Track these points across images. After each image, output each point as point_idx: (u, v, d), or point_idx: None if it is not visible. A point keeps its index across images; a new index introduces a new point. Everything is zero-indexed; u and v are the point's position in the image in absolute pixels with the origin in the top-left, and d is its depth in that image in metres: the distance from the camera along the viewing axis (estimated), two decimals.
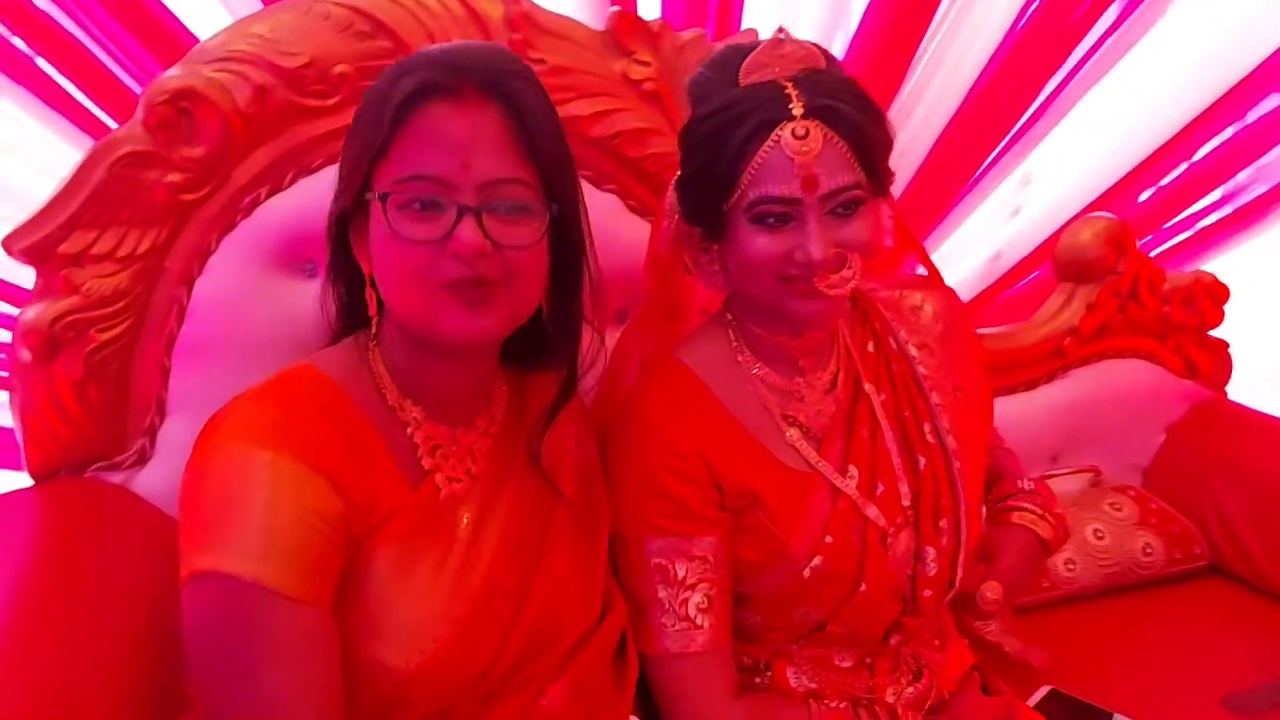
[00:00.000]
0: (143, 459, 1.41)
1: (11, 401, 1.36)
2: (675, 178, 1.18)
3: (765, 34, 1.09)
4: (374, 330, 1.04)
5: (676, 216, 1.20)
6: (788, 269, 1.08)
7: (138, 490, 1.40)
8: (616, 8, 1.50)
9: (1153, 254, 2.32)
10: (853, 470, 1.20)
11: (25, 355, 1.30)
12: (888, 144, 1.11)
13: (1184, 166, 2.26)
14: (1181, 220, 2.33)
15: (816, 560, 1.17)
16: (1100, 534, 1.81)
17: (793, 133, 1.03)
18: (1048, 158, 2.16)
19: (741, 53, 1.07)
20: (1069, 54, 2.08)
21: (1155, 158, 2.22)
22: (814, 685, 1.23)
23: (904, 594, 1.22)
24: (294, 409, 0.95)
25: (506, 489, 1.10)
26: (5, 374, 1.48)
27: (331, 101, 1.36)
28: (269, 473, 0.89)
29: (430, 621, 0.98)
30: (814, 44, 1.09)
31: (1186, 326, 1.94)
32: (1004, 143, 2.13)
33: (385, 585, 0.96)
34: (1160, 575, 1.82)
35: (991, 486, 1.40)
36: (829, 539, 1.17)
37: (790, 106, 1.04)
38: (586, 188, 1.50)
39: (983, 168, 2.14)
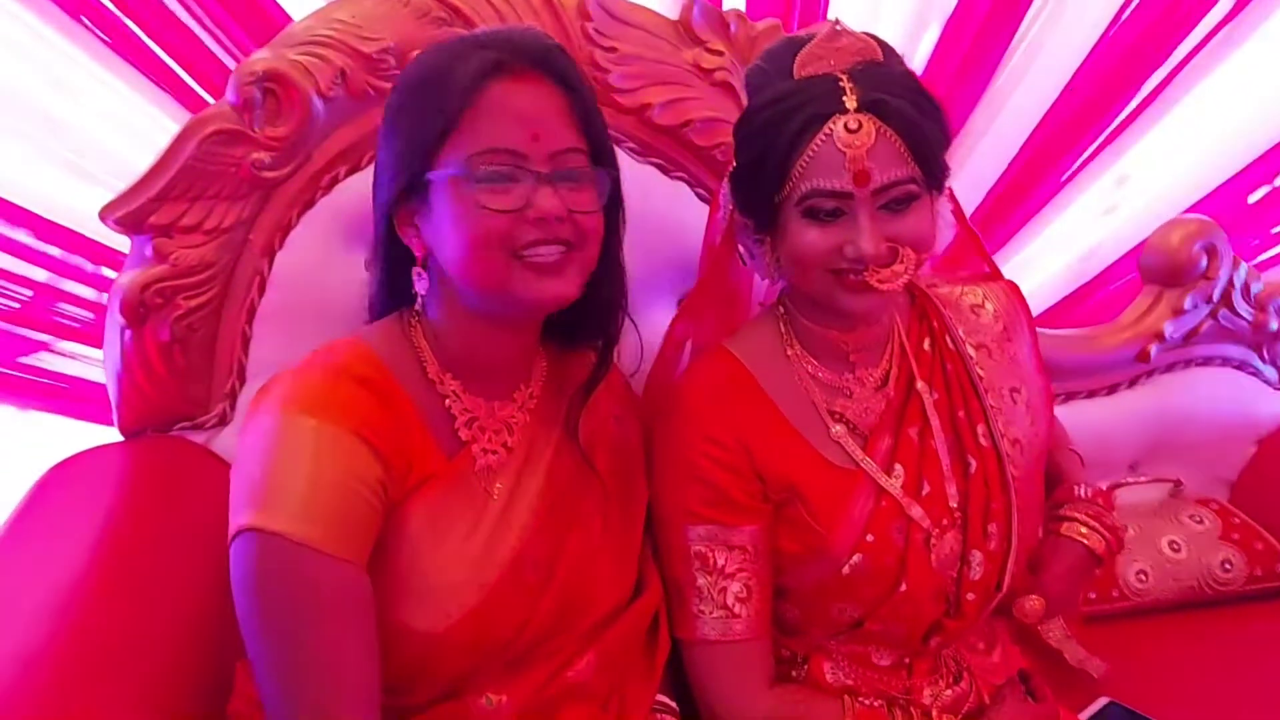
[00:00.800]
0: (223, 421, 1.49)
1: (106, 361, 1.45)
2: (730, 169, 1.19)
3: (854, 26, 1.08)
4: (421, 307, 1.09)
5: (731, 208, 1.20)
6: (838, 262, 1.08)
7: (217, 450, 1.48)
8: None
9: (1260, 259, 2.23)
10: (898, 469, 1.19)
11: (117, 318, 1.38)
12: (944, 139, 1.10)
13: None
14: None
15: (856, 558, 1.17)
16: (1176, 546, 1.75)
17: (845, 126, 1.03)
18: (1146, 156, 2.07)
19: (797, 45, 1.08)
20: (1174, 48, 1.99)
21: (1266, 158, 2.11)
22: (850, 682, 1.24)
23: (947, 595, 1.22)
24: (338, 379, 1.00)
25: (541, 462, 1.14)
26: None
27: None
28: (314, 438, 0.94)
29: (459, 587, 1.02)
30: (871, 36, 1.09)
31: None
32: (1101, 139, 2.05)
33: (417, 550, 1.01)
34: (1239, 593, 1.76)
35: (1050, 490, 1.36)
36: (870, 537, 1.17)
37: (844, 100, 1.04)
38: (655, 174, 1.55)
39: (1077, 164, 2.07)
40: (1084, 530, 1.29)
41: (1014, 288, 1.34)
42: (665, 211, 1.55)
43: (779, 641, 1.25)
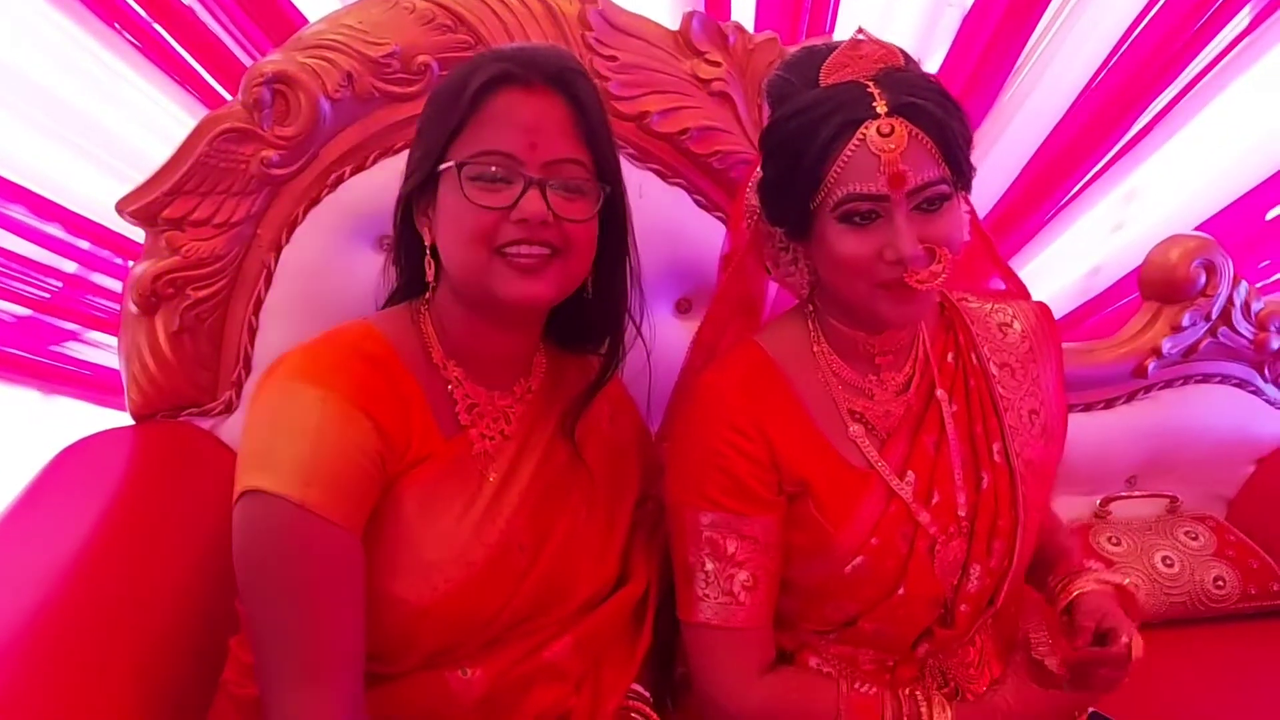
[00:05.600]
0: (229, 408, 1.55)
1: (120, 348, 1.52)
2: (755, 180, 1.20)
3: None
4: (429, 295, 1.14)
5: (756, 218, 1.22)
6: (880, 272, 1.09)
7: (223, 436, 1.54)
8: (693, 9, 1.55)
9: (1273, 279, 2.22)
10: (910, 475, 1.20)
11: (131, 307, 1.45)
12: (969, 139, 1.11)
13: None
14: None
15: (859, 559, 1.17)
16: (1170, 561, 1.76)
17: (878, 130, 1.04)
18: (1156, 173, 2.08)
19: (818, 54, 1.09)
20: (1186, 65, 2.00)
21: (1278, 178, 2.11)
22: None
23: (943, 603, 1.22)
24: (346, 356, 1.06)
25: (535, 452, 1.18)
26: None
27: (413, 89, 1.46)
28: (319, 408, 0.99)
29: (447, 563, 1.07)
30: (892, 44, 1.10)
31: None
32: (1110, 155, 2.06)
33: (410, 524, 1.06)
34: (1232, 611, 1.76)
35: (1054, 565, 1.35)
36: (875, 540, 1.18)
37: (874, 105, 1.05)
38: (655, 181, 1.59)
39: (1085, 180, 2.08)
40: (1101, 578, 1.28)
41: (1045, 309, 1.35)
42: (665, 217, 1.58)
43: None
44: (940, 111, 1.06)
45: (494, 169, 1.04)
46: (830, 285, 1.17)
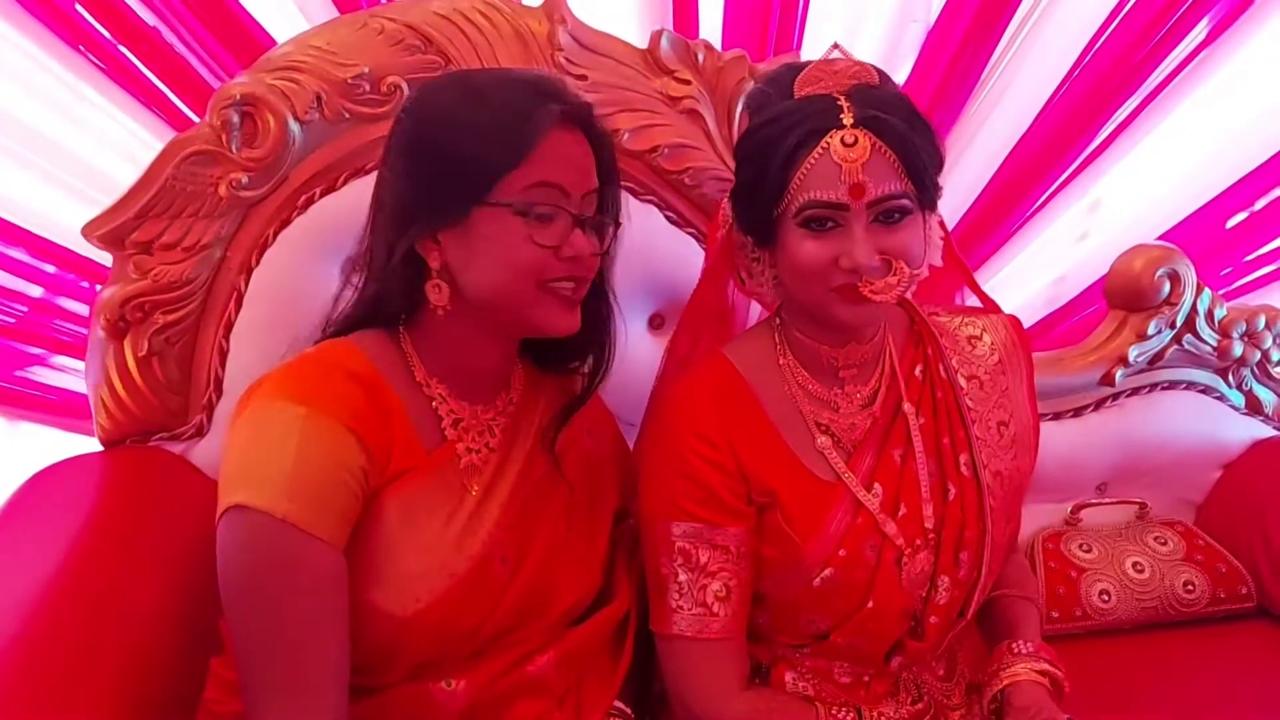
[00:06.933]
0: (200, 432, 1.53)
1: (87, 373, 1.50)
2: (731, 188, 1.23)
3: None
4: (418, 318, 1.14)
5: (729, 226, 1.24)
6: (835, 277, 1.11)
7: (194, 461, 1.53)
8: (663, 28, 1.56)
9: (1236, 284, 2.25)
10: (877, 488, 1.22)
11: (99, 332, 1.44)
12: (937, 159, 1.13)
13: (1278, 193, 2.17)
14: (1270, 252, 2.24)
15: (828, 571, 1.19)
16: (1140, 567, 1.78)
17: (841, 140, 1.07)
18: (1120, 182, 2.11)
19: (797, 70, 1.12)
20: (1147, 75, 2.02)
21: (1244, 184, 2.14)
22: (810, 693, 1.25)
23: (913, 615, 1.24)
24: (328, 373, 1.07)
25: (516, 463, 1.20)
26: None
27: (383, 110, 1.45)
28: (301, 425, 1.00)
29: (430, 574, 1.07)
30: (868, 63, 1.13)
31: (1249, 361, 1.88)
32: (1074, 166, 2.09)
33: (392, 536, 1.06)
34: (1203, 614, 1.78)
35: (1002, 634, 1.32)
36: (843, 552, 1.19)
37: (841, 116, 1.08)
38: (627, 199, 1.58)
39: (1050, 191, 2.10)
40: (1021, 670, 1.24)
41: (1015, 322, 1.37)
42: (638, 235, 1.58)
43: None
44: (906, 128, 1.09)
45: (548, 206, 1.06)
46: (791, 291, 1.19)
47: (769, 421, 1.22)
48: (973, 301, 1.44)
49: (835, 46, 1.12)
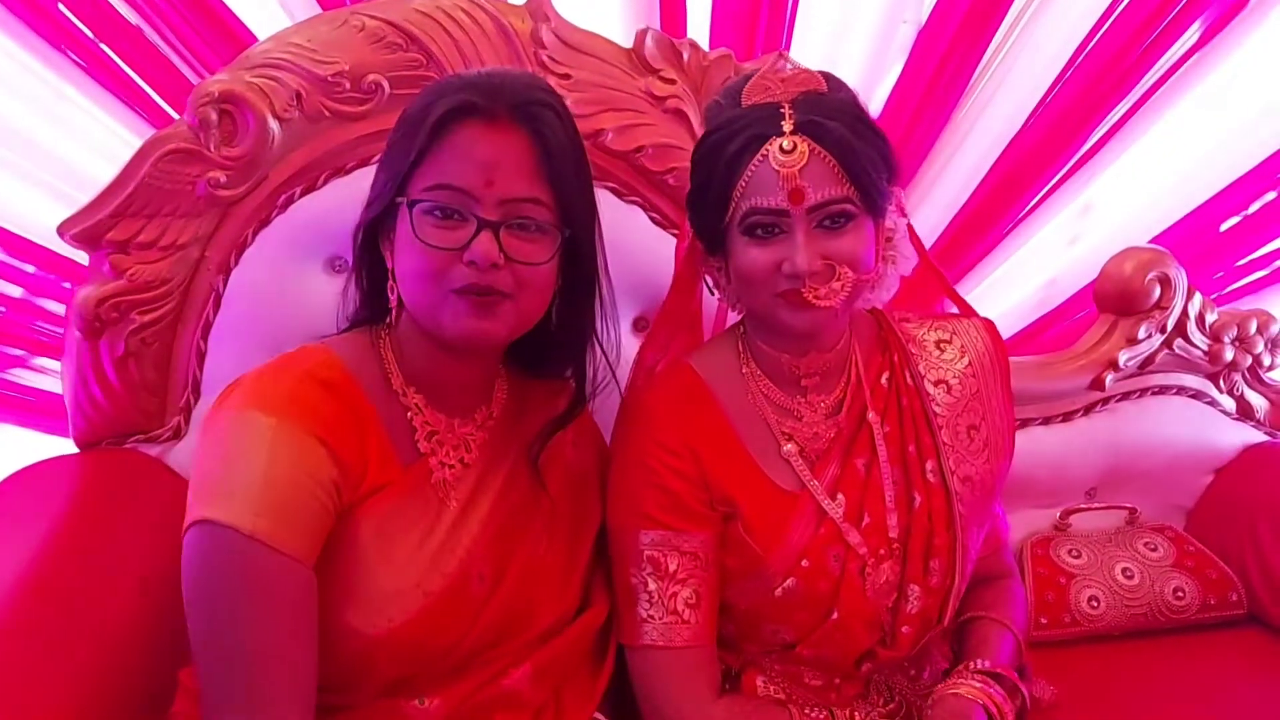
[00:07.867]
0: (178, 435, 1.52)
1: (63, 374, 1.48)
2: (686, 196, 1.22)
3: (819, 53, 1.13)
4: (391, 321, 1.13)
5: (693, 235, 1.24)
6: (779, 283, 1.11)
7: (171, 463, 1.51)
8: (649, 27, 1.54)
9: (1229, 289, 2.24)
10: (840, 497, 1.22)
11: (75, 332, 1.41)
12: (884, 164, 1.13)
13: (1271, 197, 2.16)
14: (1262, 256, 2.23)
15: (790, 581, 1.19)
16: (1129, 573, 1.76)
17: (780, 147, 1.08)
18: (1112, 186, 2.09)
19: (749, 79, 1.13)
20: (1139, 79, 2.01)
21: (1232, 189, 2.13)
22: (781, 697, 1.25)
23: (881, 625, 1.23)
24: (300, 381, 1.04)
25: (496, 479, 1.17)
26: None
27: (364, 108, 1.44)
28: (271, 436, 0.97)
29: (404, 593, 1.05)
30: (817, 71, 1.13)
31: (1240, 366, 1.86)
32: (1065, 169, 2.07)
33: (366, 553, 1.03)
34: (1193, 621, 1.76)
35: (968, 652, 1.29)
36: (805, 562, 1.19)
37: (781, 124, 1.08)
38: (611, 199, 1.58)
39: (1041, 194, 2.09)
40: (965, 690, 1.20)
41: (990, 326, 1.36)
42: (621, 235, 1.56)
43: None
44: (849, 133, 1.09)
45: (446, 207, 1.02)
46: (741, 298, 1.20)
47: (732, 430, 1.22)
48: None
49: (781, 55, 1.12)
